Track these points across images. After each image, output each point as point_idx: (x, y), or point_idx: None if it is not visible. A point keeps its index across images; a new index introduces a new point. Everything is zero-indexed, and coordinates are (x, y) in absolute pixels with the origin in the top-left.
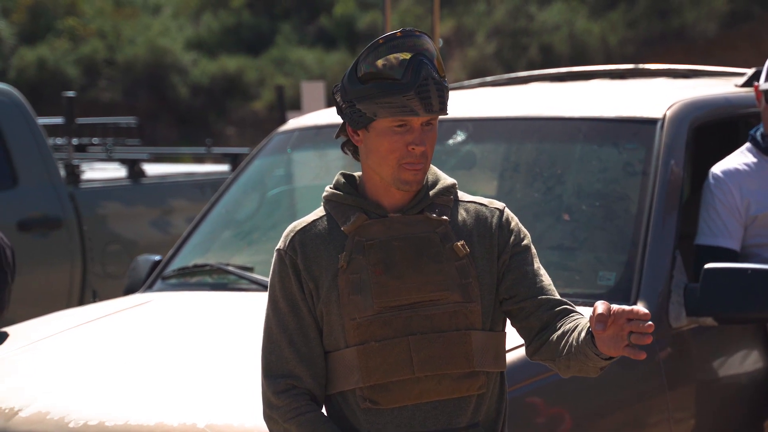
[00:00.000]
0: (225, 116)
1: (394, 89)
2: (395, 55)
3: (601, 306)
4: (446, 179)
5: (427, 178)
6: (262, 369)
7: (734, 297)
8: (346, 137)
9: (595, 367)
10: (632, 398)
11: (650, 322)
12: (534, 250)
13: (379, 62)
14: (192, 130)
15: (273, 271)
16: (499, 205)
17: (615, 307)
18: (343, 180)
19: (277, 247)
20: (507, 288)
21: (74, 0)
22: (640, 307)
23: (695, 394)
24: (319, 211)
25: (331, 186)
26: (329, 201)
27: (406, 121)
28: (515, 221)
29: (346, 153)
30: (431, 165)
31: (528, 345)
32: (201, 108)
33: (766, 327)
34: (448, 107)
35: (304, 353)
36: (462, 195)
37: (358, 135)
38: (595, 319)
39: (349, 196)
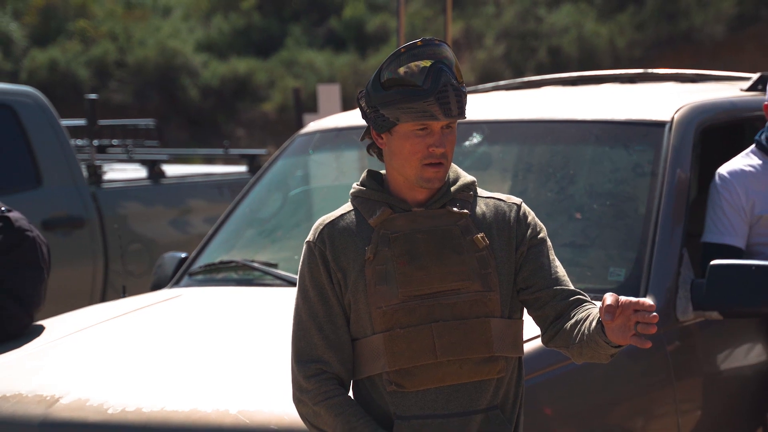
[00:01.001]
0: (235, 118)
1: (415, 95)
2: (416, 63)
3: (609, 298)
4: (466, 176)
5: (449, 176)
6: (292, 354)
7: (739, 292)
8: (371, 140)
9: (606, 355)
10: (640, 389)
11: (655, 313)
12: (549, 243)
13: (401, 70)
14: (202, 131)
15: (303, 262)
16: (517, 200)
17: (623, 298)
18: (369, 177)
19: (307, 239)
20: (524, 278)
21: (85, 2)
22: (646, 299)
23: (701, 386)
24: (347, 206)
25: (359, 183)
26: (356, 197)
27: (426, 125)
28: (532, 215)
29: (371, 155)
30: (452, 164)
31: (544, 333)
32: (211, 110)
33: None
34: (466, 111)
35: (333, 340)
36: (481, 191)
37: (382, 138)
38: (604, 309)
39: (375, 191)
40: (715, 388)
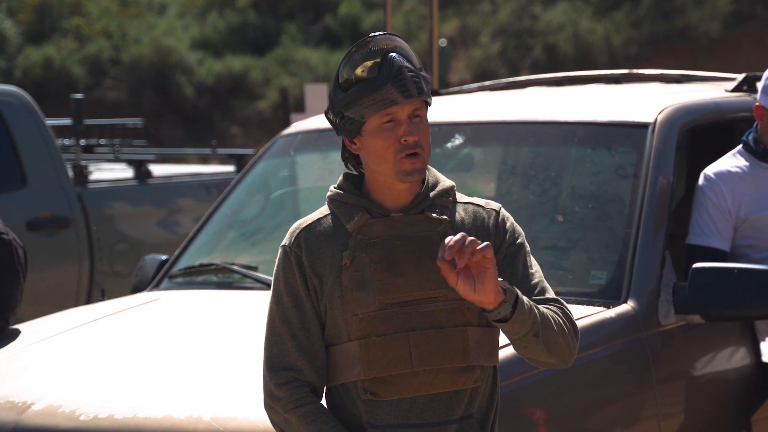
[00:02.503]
0: (230, 116)
1: (372, 87)
2: (368, 59)
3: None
4: (445, 181)
5: (428, 180)
6: (265, 361)
7: (721, 295)
8: (349, 154)
9: (511, 337)
10: (622, 394)
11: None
12: (527, 248)
13: (357, 69)
14: (197, 129)
15: (278, 267)
16: (496, 205)
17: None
18: (347, 181)
19: (283, 243)
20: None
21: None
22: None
23: (683, 390)
24: (324, 210)
25: (336, 186)
26: (333, 200)
27: (392, 116)
28: (510, 221)
29: (350, 169)
30: (431, 168)
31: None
32: (206, 107)
33: (753, 324)
34: (448, 110)
35: (306, 347)
36: (460, 196)
37: (355, 144)
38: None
39: (353, 196)
40: (698, 392)
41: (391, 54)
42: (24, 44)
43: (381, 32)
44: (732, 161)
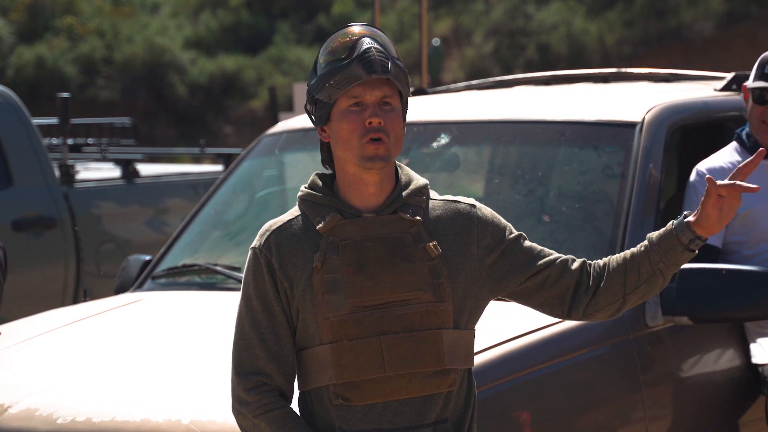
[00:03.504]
0: (223, 115)
1: (340, 66)
2: (342, 44)
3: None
4: (419, 180)
5: (400, 179)
6: (233, 365)
7: (709, 297)
8: (326, 155)
9: (677, 265)
10: (609, 396)
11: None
12: (521, 232)
13: (330, 53)
14: (190, 128)
15: (247, 269)
16: (471, 201)
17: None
18: (318, 180)
19: (253, 245)
20: (520, 268)
21: None
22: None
23: (671, 392)
24: (294, 211)
25: (307, 186)
26: (304, 201)
27: (359, 98)
28: (491, 215)
29: (327, 168)
30: (404, 166)
31: (570, 306)
32: (199, 107)
33: (742, 326)
34: (434, 109)
35: (275, 351)
36: (434, 194)
37: (325, 131)
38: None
39: (324, 196)
40: (685, 395)
41: (362, 38)
42: (16, 43)
43: (356, 23)
44: (724, 156)
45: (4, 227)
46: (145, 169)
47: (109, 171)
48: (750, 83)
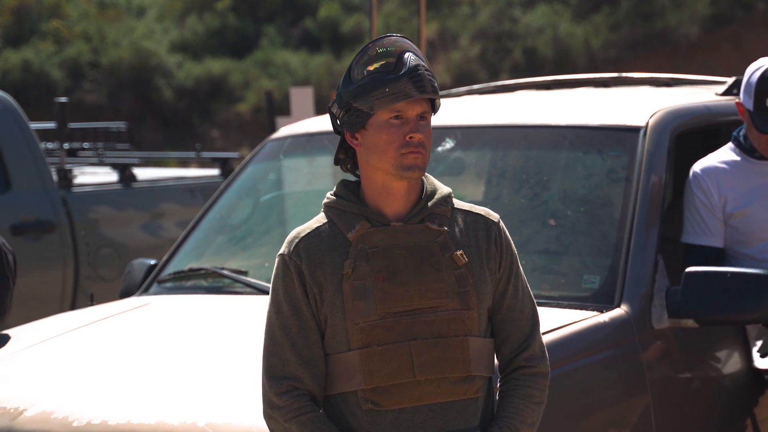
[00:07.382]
0: (209, 119)
1: (387, 80)
2: (384, 56)
3: None
4: (443, 188)
5: (426, 188)
6: (264, 370)
7: (714, 299)
8: (344, 155)
9: None
10: (615, 398)
11: None
12: (517, 268)
13: (372, 64)
14: (176, 132)
15: (276, 276)
16: (495, 216)
17: None
18: (344, 188)
19: (281, 252)
20: (493, 305)
21: (59, 2)
22: None
23: (677, 395)
24: (321, 218)
25: (333, 193)
26: (332, 208)
27: (401, 113)
28: (508, 237)
29: (345, 170)
30: (428, 175)
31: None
32: (185, 110)
33: (746, 329)
34: (438, 114)
35: (306, 356)
36: (458, 203)
37: (357, 138)
38: None
39: (352, 204)
40: (691, 397)
41: (407, 52)
42: (2, 47)
43: (395, 34)
44: (720, 156)
45: (3, 231)
46: (139, 173)
47: (105, 175)
48: (749, 105)
